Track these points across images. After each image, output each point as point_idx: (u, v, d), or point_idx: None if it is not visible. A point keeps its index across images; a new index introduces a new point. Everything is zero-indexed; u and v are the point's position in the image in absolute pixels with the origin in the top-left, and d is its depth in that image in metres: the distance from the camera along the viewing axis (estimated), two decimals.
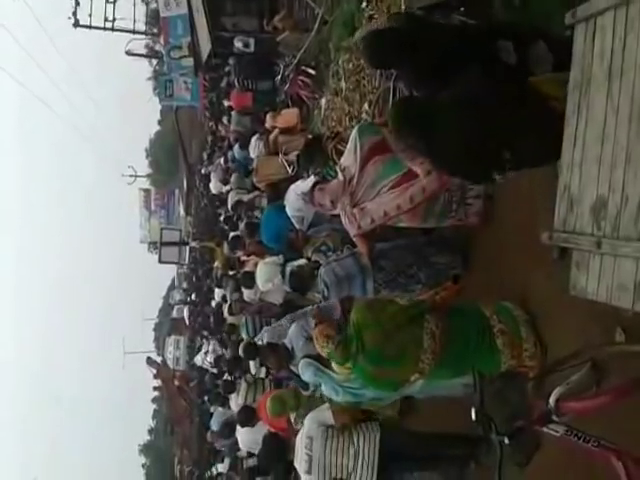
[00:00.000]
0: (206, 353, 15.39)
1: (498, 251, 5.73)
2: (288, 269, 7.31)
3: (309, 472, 5.83)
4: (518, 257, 5.38)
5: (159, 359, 29.65)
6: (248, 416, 8.74)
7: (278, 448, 7.10)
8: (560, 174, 3.48)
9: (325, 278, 6.17)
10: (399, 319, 4.75)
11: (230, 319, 11.04)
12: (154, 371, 26.50)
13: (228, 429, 10.37)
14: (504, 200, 5.66)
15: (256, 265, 8.98)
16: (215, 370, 13.77)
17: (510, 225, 5.53)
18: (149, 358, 27.73)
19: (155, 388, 27.72)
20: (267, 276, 8.36)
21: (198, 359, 17.01)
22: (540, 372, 4.55)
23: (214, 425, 11.90)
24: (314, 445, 5.83)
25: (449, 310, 4.90)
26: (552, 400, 3.28)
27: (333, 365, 5.22)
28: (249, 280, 8.96)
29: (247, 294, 9.78)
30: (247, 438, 9.05)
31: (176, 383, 24.04)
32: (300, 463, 5.92)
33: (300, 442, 5.96)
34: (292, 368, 7.01)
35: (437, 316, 4.78)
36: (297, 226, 7.23)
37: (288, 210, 7.06)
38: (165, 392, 26.32)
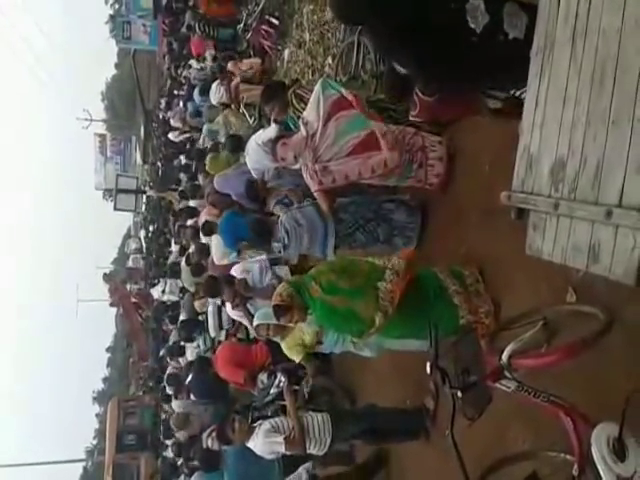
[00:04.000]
0: (163, 292, 15.35)
1: (456, 213, 5.80)
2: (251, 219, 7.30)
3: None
4: (475, 220, 5.46)
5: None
6: (203, 365, 8.85)
7: None
8: (521, 135, 3.50)
9: (286, 225, 6.18)
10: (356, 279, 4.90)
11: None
12: (111, 287, 26.58)
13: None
14: (464, 163, 5.71)
15: (215, 216, 8.95)
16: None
17: (469, 188, 5.60)
18: (105, 274, 27.76)
19: (112, 304, 27.75)
20: (223, 249, 8.35)
21: (155, 292, 16.88)
22: (494, 330, 4.67)
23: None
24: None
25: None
26: (505, 356, 3.37)
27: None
28: (209, 229, 8.86)
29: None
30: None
31: (132, 300, 24.20)
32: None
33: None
34: (248, 306, 7.10)
35: (394, 282, 4.86)
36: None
37: (248, 162, 7.00)
38: (122, 308, 26.37)
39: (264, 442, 6.24)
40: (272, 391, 7.53)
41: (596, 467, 3.11)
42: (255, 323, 5.98)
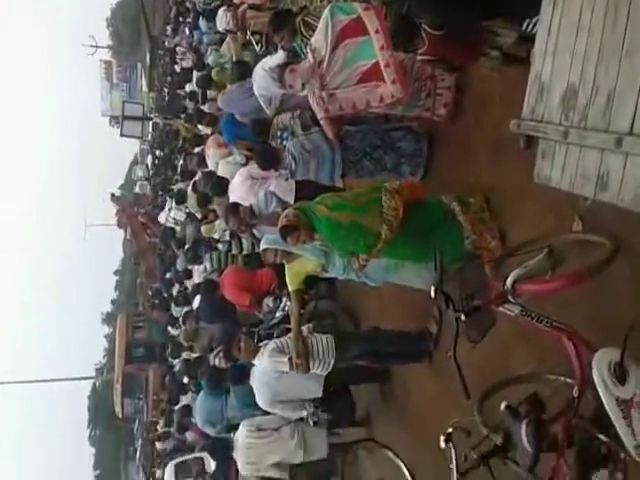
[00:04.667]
0: (170, 209, 15.28)
1: (463, 144, 5.76)
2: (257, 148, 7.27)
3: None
4: (483, 151, 5.43)
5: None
6: (210, 288, 8.97)
7: None
8: (532, 63, 3.47)
9: (293, 151, 6.18)
10: (360, 199, 4.95)
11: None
12: (118, 207, 26.76)
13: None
14: (473, 94, 5.64)
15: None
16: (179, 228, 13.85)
17: (477, 118, 5.55)
18: (113, 195, 27.84)
19: (119, 225, 28.00)
20: (229, 176, 8.33)
21: (162, 217, 16.89)
22: (499, 256, 4.71)
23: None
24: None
25: (410, 202, 5.01)
26: (509, 282, 3.41)
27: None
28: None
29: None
30: None
31: (140, 220, 24.35)
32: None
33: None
34: (254, 231, 7.14)
35: (395, 198, 4.90)
36: (264, 107, 7.14)
37: (255, 89, 6.93)
38: (129, 228, 26.59)
39: (269, 361, 6.39)
40: (277, 314, 7.68)
41: (596, 389, 3.19)
42: (262, 247, 6.02)
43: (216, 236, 10.03)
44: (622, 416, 3.09)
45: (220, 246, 10.00)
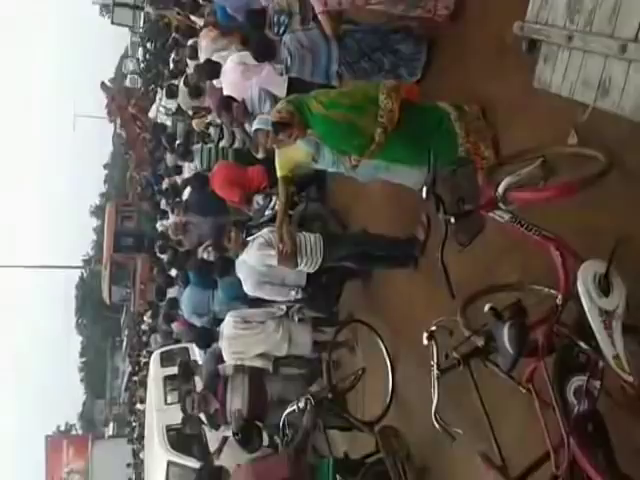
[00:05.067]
0: (160, 99, 14.91)
1: (463, 49, 5.66)
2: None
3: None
4: (482, 57, 5.33)
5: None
6: (200, 182, 8.92)
7: None
8: None
9: (290, 46, 6.04)
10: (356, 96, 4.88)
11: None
12: (108, 96, 26.41)
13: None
14: None
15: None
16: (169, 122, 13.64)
17: (479, 24, 5.41)
18: (103, 83, 27.39)
19: (109, 114, 27.67)
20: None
21: (152, 110, 16.57)
22: (492, 164, 4.69)
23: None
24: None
25: (406, 105, 4.92)
26: (501, 188, 3.39)
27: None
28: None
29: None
30: None
31: (130, 110, 24.07)
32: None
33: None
34: (246, 127, 7.06)
35: (393, 98, 4.82)
36: None
37: None
38: (119, 118, 26.32)
39: (257, 254, 6.44)
40: (267, 212, 7.67)
41: (580, 300, 3.24)
42: (254, 127, 5.89)
43: (210, 132, 9.88)
44: (603, 327, 3.14)
45: (211, 138, 9.85)
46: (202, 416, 7.51)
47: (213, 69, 8.32)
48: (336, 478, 5.65)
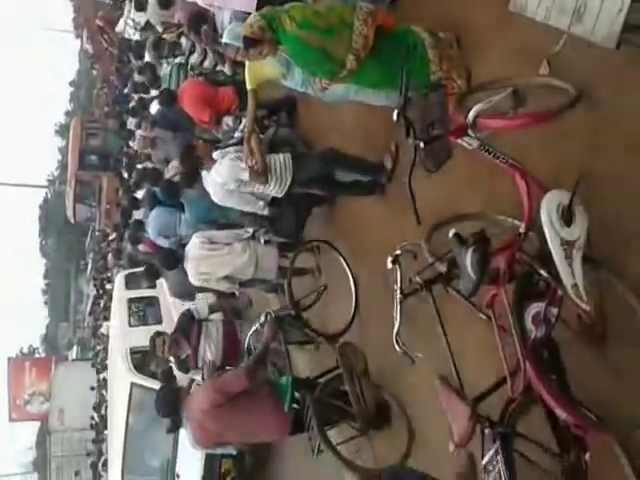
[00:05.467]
0: (129, 11, 14.37)
1: None
2: None
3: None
4: None
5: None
6: (168, 99, 8.73)
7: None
8: None
9: None
10: (331, 17, 4.77)
11: None
12: (75, 6, 25.68)
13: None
14: None
15: None
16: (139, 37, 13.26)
17: None
18: None
19: (75, 22, 26.84)
20: None
21: (120, 25, 15.96)
22: (463, 91, 4.67)
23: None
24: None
25: (380, 30, 4.84)
26: (471, 115, 3.38)
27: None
28: None
29: None
30: None
31: (98, 23, 23.42)
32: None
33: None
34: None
35: (368, 24, 4.73)
36: None
37: None
38: (86, 29, 25.56)
39: (229, 165, 6.37)
40: (236, 135, 7.56)
41: (542, 230, 3.29)
42: (224, 40, 5.73)
43: (182, 42, 9.59)
44: (564, 256, 3.21)
45: (182, 50, 9.60)
46: (171, 358, 7.45)
47: None
48: (294, 394, 5.76)
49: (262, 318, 6.35)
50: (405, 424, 5.69)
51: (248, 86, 5.85)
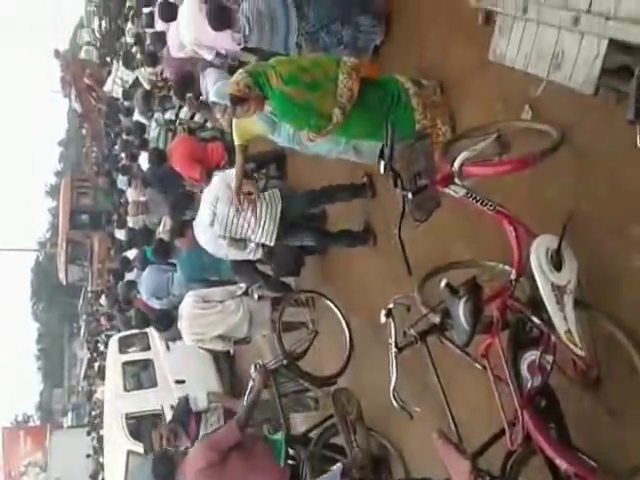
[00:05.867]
0: (116, 70, 14.47)
1: (420, 22, 5.64)
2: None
3: (212, 224, 6.10)
4: (440, 29, 5.32)
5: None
6: (158, 158, 8.77)
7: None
8: None
9: (247, 12, 5.95)
10: (316, 71, 4.81)
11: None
12: (62, 64, 25.73)
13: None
14: None
15: None
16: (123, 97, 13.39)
17: None
18: (57, 50, 26.55)
19: (62, 81, 26.86)
20: (181, 39, 7.91)
21: (108, 84, 16.10)
22: (448, 139, 4.69)
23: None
24: (219, 205, 6.09)
25: (365, 81, 4.88)
26: (457, 164, 3.38)
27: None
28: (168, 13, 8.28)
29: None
30: None
31: (86, 81, 23.49)
32: (203, 216, 6.17)
33: (207, 197, 6.19)
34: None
35: (353, 77, 4.78)
36: None
37: None
38: (74, 87, 25.63)
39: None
40: None
41: (533, 275, 3.27)
42: (211, 99, 5.73)
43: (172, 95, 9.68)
44: (555, 301, 3.20)
45: (172, 103, 9.67)
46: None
47: (170, 9, 8.12)
48: (288, 451, 5.68)
49: (252, 369, 6.26)
50: (402, 469, 5.61)
51: (236, 142, 5.88)
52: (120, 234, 14.34)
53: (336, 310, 6.91)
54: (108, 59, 21.43)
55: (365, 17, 5.94)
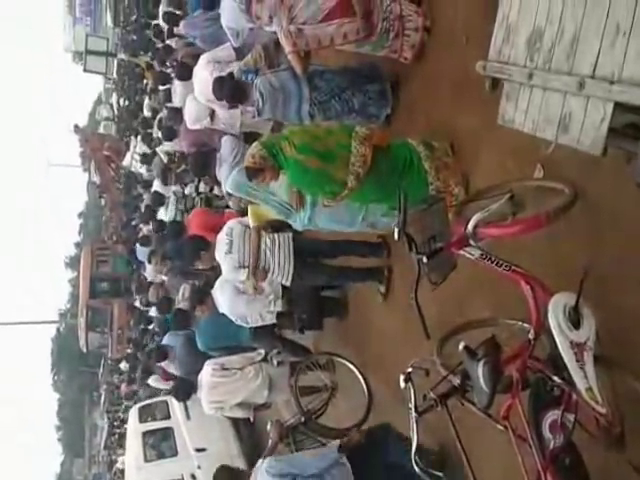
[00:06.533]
0: (135, 147, 14.84)
1: (428, 87, 5.77)
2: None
3: (230, 252, 6.21)
4: (448, 93, 5.43)
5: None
6: (176, 231, 8.90)
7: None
8: (500, 4, 3.44)
9: (261, 88, 6.09)
10: (329, 140, 4.91)
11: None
12: (81, 139, 26.12)
13: None
14: (440, 35, 5.62)
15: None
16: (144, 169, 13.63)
17: (444, 61, 5.52)
18: (76, 126, 26.96)
19: (82, 156, 27.32)
20: (196, 114, 8.19)
21: (127, 159, 16.46)
22: (461, 201, 4.74)
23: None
24: (234, 231, 6.25)
25: (377, 147, 4.99)
26: (471, 225, 3.42)
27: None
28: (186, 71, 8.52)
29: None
30: None
31: (105, 153, 23.84)
32: (220, 250, 6.28)
33: (222, 236, 6.32)
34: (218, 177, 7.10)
35: (365, 145, 4.88)
36: (232, 40, 6.99)
37: (223, 21, 6.78)
38: (93, 160, 26.02)
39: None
40: None
41: (551, 333, 3.26)
42: (227, 190, 5.92)
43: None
44: (575, 359, 3.16)
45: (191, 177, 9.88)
46: None
47: (185, 70, 8.35)
48: None
49: (268, 426, 6.21)
50: None
51: (252, 224, 6.06)
52: (139, 303, 14.45)
53: (352, 367, 6.90)
54: (127, 133, 21.84)
55: (373, 84, 6.12)
